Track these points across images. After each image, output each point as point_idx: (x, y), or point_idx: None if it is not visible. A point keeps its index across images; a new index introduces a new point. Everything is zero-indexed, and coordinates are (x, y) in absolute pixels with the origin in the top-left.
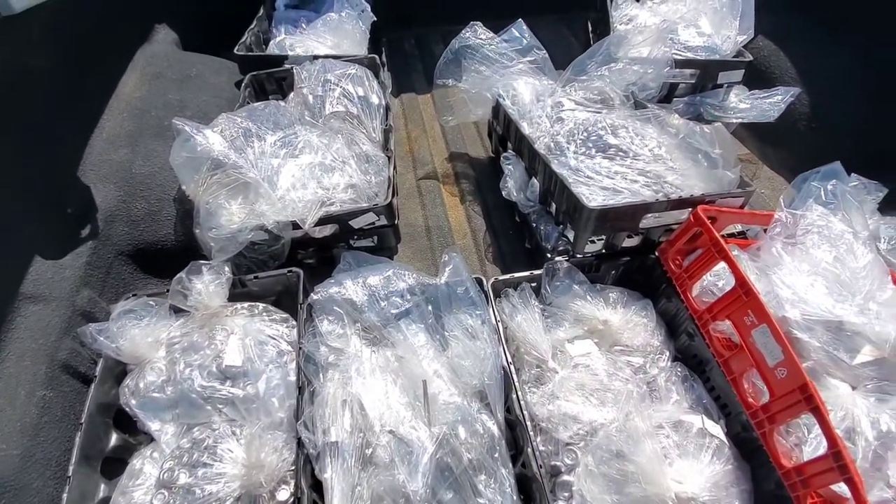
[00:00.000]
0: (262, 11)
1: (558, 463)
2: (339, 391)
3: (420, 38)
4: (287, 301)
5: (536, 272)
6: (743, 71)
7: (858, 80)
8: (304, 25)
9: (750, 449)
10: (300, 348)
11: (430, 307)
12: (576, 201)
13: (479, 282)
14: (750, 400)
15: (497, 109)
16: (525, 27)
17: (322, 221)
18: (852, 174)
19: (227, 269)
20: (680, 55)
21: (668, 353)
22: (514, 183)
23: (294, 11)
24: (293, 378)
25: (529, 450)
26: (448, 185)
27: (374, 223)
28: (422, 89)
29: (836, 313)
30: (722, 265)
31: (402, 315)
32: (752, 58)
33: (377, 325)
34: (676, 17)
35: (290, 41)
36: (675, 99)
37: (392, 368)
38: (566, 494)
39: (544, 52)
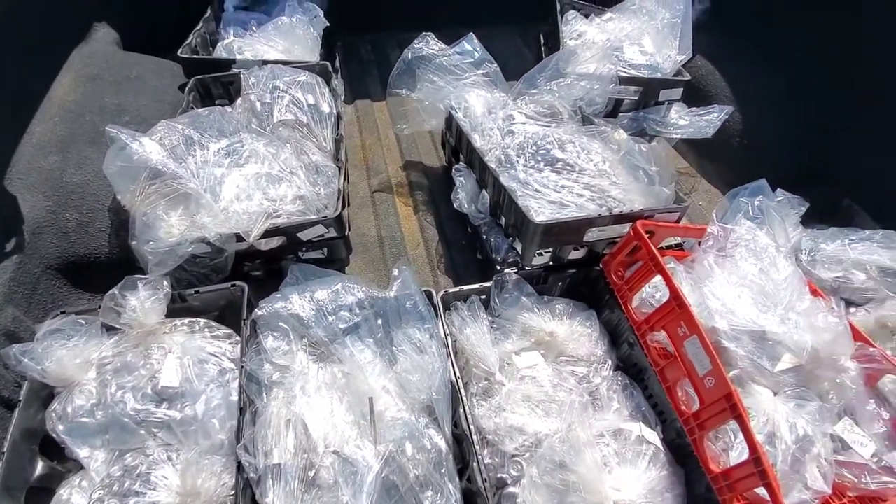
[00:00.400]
0: (209, 12)
1: (504, 475)
2: (283, 411)
3: (376, 44)
4: (231, 316)
5: (486, 284)
6: (682, 89)
7: (785, 101)
8: (254, 28)
9: (684, 454)
10: (242, 367)
11: (379, 321)
12: (523, 215)
13: (429, 295)
14: (682, 408)
15: (450, 120)
16: (476, 41)
17: (268, 234)
18: (778, 189)
19: (165, 283)
20: (625, 73)
21: (610, 363)
22: (464, 195)
23: (244, 13)
24: (235, 398)
25: (475, 464)
26: (402, 195)
27: (323, 235)
28: (377, 96)
29: (759, 323)
30: (659, 278)
31: (350, 330)
32: (690, 77)
33: (324, 341)
34: (622, 35)
35: (239, 44)
36: (620, 114)
37: (339, 385)
38: None
39: (496, 65)
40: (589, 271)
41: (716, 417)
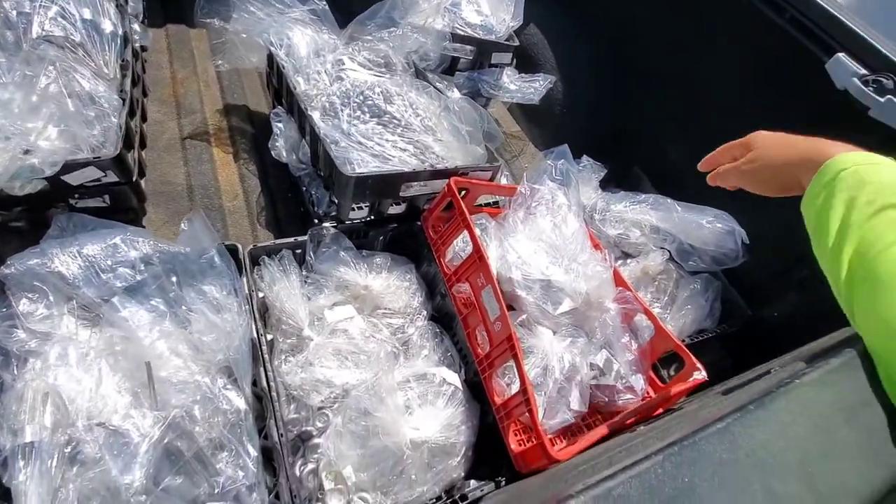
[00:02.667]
0: None
1: (310, 428)
2: (40, 383)
3: None
4: None
5: (301, 238)
6: (511, 54)
7: (595, 75)
8: None
9: (480, 390)
10: None
11: (173, 278)
12: (335, 167)
13: (234, 249)
14: (479, 350)
15: (272, 59)
16: None
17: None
18: (584, 156)
19: None
20: (461, 31)
21: (426, 313)
22: (283, 142)
23: None
24: None
25: (272, 421)
26: (220, 140)
27: (99, 180)
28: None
29: (547, 273)
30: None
31: (134, 289)
32: (518, 43)
33: (97, 303)
34: None
35: None
36: (457, 72)
37: (115, 351)
38: (315, 456)
39: (324, 3)
40: (412, 225)
41: (501, 357)
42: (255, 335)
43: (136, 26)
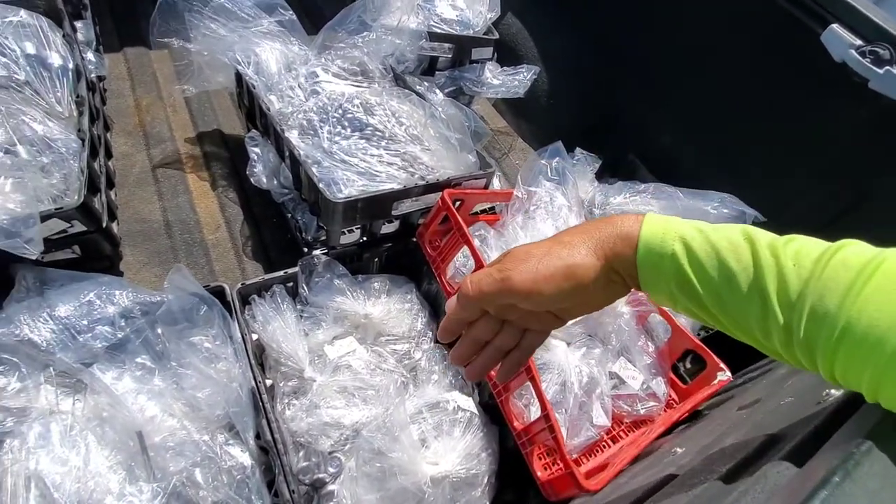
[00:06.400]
0: None
1: (322, 475)
2: (20, 468)
3: None
4: None
5: (291, 270)
6: (492, 48)
7: (584, 60)
8: None
9: (497, 413)
10: None
11: (158, 330)
12: (320, 193)
13: (220, 292)
14: (491, 372)
15: (241, 78)
16: None
17: None
18: (577, 148)
19: None
20: (437, 28)
21: (431, 334)
22: (262, 168)
23: None
24: None
25: (281, 477)
26: (194, 168)
27: (66, 231)
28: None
29: None
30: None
31: (116, 347)
32: (497, 36)
33: (77, 368)
34: None
35: None
36: (437, 73)
37: (101, 420)
38: None
39: (291, 12)
40: (408, 243)
41: (517, 380)
42: (254, 383)
43: (89, 55)
